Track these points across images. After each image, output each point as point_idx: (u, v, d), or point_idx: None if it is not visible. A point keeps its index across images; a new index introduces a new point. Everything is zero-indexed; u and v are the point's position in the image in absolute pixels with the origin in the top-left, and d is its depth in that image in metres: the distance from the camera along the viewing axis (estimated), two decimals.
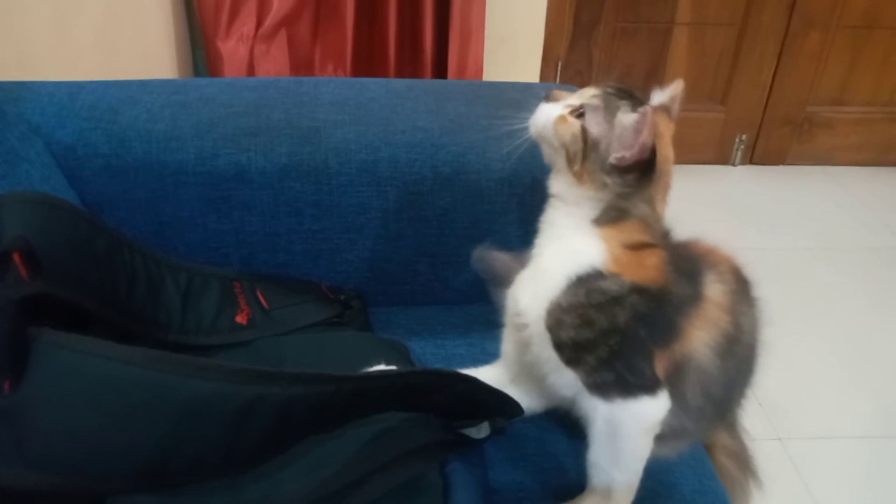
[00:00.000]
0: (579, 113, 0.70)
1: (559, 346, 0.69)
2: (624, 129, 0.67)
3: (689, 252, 0.73)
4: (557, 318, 0.68)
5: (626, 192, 0.68)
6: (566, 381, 0.71)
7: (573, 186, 0.70)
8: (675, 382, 0.68)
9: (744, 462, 0.91)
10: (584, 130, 0.69)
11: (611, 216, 0.69)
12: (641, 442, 0.70)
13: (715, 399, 0.73)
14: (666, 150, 0.71)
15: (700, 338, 0.68)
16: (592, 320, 0.66)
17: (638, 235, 0.68)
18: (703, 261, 0.72)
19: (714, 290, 0.70)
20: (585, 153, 0.68)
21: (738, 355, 0.73)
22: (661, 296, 0.67)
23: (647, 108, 0.65)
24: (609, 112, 0.68)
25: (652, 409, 0.68)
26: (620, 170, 0.67)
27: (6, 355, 0.62)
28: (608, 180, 0.68)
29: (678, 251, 0.71)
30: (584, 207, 0.70)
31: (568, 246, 0.70)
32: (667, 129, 0.72)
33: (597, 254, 0.67)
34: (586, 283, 0.66)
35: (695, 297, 0.69)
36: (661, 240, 0.70)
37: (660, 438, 0.70)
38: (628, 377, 0.67)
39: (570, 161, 0.70)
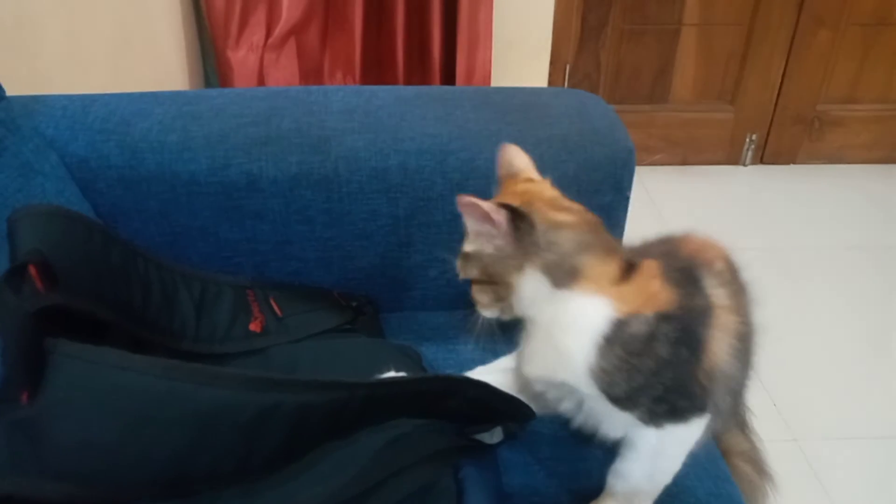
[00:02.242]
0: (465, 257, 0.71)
1: (615, 400, 0.67)
2: (475, 227, 0.67)
3: (681, 256, 0.71)
4: (608, 381, 0.65)
5: (543, 250, 0.66)
6: (619, 423, 0.70)
7: (513, 289, 0.68)
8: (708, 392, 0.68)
9: (759, 464, 0.91)
10: (467, 257, 0.70)
11: (566, 274, 0.66)
12: (683, 458, 0.70)
13: (736, 394, 0.73)
14: (547, 215, 0.68)
15: (719, 346, 0.67)
16: (638, 367, 0.64)
17: (610, 265, 0.66)
18: (696, 263, 0.70)
19: (719, 295, 0.68)
20: (483, 269, 0.69)
21: (748, 346, 0.72)
22: (682, 315, 0.65)
23: (460, 197, 0.65)
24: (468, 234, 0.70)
25: (698, 427, 0.68)
26: (514, 246, 0.66)
27: (24, 367, 0.63)
28: (514, 260, 0.66)
29: (669, 259, 0.69)
30: (540, 292, 0.67)
31: (567, 319, 0.66)
32: (534, 189, 0.72)
33: (601, 305, 0.64)
34: (617, 338, 0.64)
35: (706, 307, 0.67)
36: (632, 254, 0.68)
37: None
38: (682, 403, 0.66)
39: (490, 282, 0.69)
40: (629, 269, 0.66)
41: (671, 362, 0.64)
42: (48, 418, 0.62)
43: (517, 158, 0.77)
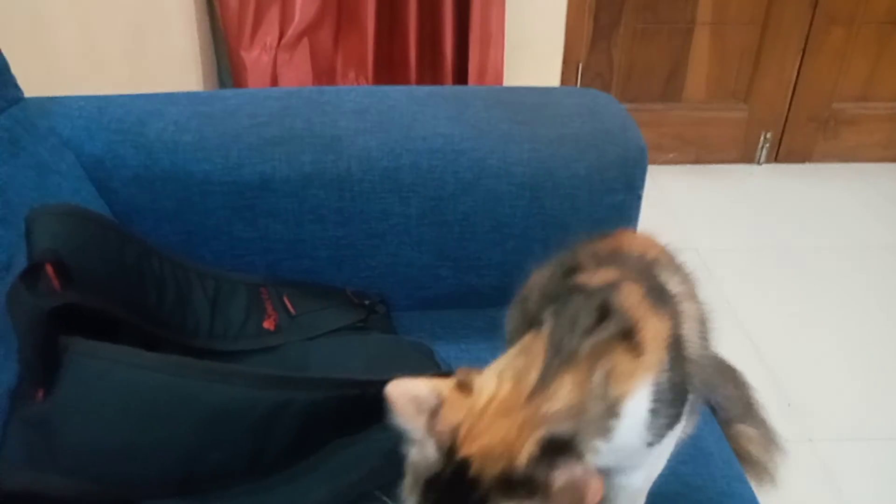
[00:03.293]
0: None
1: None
2: None
3: (633, 255, 0.68)
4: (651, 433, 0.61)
5: None
6: None
7: None
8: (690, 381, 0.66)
9: (767, 442, 0.90)
10: None
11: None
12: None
13: (705, 369, 0.71)
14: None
15: (690, 334, 0.64)
16: (671, 403, 0.61)
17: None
18: (649, 260, 0.67)
19: (675, 284, 0.66)
20: None
21: (707, 327, 0.69)
22: (675, 333, 0.62)
23: None
24: None
25: (685, 415, 0.67)
26: None
27: (39, 365, 0.64)
28: None
29: (624, 260, 0.66)
30: None
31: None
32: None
33: (639, 396, 0.57)
34: (658, 401, 0.58)
35: (676, 308, 0.64)
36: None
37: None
38: (681, 408, 0.63)
39: None
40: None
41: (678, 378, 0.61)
42: (62, 416, 0.62)
43: (414, 388, 0.55)
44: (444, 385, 0.54)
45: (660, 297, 0.62)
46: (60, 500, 0.61)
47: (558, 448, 0.51)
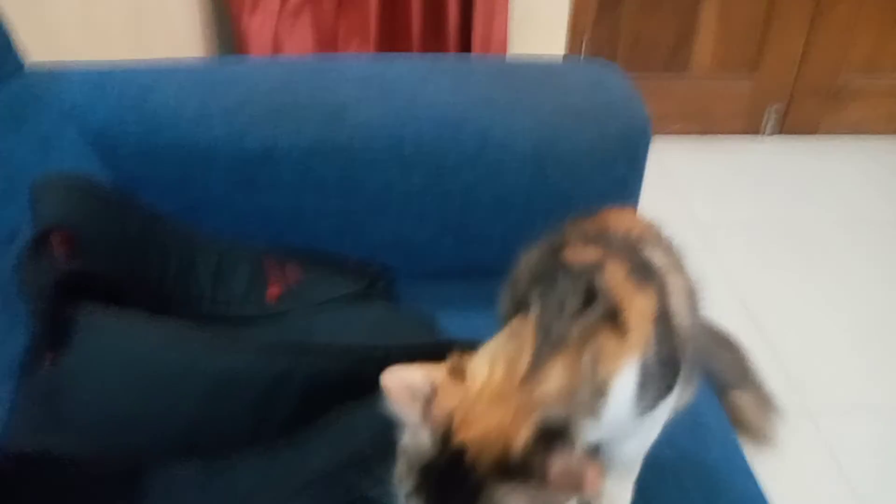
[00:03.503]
0: None
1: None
2: None
3: (619, 235, 0.68)
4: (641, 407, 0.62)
5: None
6: None
7: None
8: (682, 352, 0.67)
9: (762, 403, 0.91)
10: None
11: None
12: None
13: (696, 341, 0.70)
14: None
15: (678, 307, 0.65)
16: (661, 377, 0.61)
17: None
18: (634, 238, 0.67)
19: (661, 260, 0.66)
20: None
21: (696, 299, 0.70)
22: (661, 310, 0.62)
23: None
24: None
25: (677, 385, 0.67)
26: None
27: (49, 331, 0.65)
28: None
29: (610, 240, 0.66)
30: None
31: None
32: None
33: (626, 377, 0.57)
34: (645, 379, 0.58)
35: (662, 282, 0.64)
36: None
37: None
38: (672, 378, 0.63)
39: None
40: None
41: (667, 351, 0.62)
42: (70, 383, 0.63)
43: (409, 376, 0.56)
44: (438, 372, 0.55)
45: (644, 272, 0.62)
46: (67, 465, 0.62)
47: (553, 433, 0.52)
